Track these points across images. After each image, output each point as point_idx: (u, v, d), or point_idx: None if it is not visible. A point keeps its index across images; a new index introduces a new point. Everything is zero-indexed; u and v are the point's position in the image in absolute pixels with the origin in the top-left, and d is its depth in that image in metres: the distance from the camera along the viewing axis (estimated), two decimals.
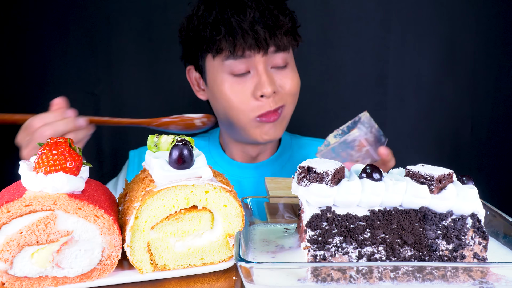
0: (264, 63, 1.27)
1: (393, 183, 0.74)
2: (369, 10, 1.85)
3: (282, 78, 1.31)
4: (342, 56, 1.88)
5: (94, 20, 1.81)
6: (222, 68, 1.28)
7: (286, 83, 1.31)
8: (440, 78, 1.89)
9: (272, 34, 1.25)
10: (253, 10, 1.25)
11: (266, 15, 1.25)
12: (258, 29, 1.23)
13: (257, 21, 1.24)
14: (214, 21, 1.26)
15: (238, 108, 1.29)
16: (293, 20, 1.33)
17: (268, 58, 1.28)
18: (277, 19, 1.26)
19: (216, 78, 1.30)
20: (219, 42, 1.25)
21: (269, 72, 1.28)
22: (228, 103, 1.29)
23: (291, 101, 1.35)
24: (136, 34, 1.83)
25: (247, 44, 1.23)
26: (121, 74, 1.86)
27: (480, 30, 1.85)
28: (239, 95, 1.28)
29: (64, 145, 0.73)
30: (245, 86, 1.28)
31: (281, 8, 1.30)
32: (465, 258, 0.74)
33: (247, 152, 1.44)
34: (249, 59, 1.26)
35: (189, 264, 0.80)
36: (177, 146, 0.77)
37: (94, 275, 0.75)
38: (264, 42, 1.24)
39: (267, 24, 1.25)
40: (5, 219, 0.69)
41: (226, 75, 1.28)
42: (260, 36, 1.23)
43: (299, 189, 0.77)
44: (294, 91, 1.33)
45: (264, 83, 1.25)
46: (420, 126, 1.93)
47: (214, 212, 0.79)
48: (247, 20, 1.23)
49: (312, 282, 0.68)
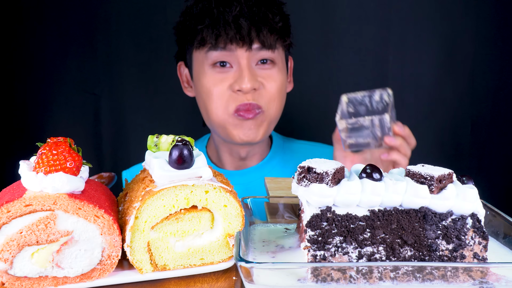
0: (247, 58, 1.25)
1: (393, 183, 0.74)
2: (369, 10, 1.85)
3: (266, 76, 1.28)
4: (342, 56, 1.88)
5: (94, 20, 1.81)
6: (206, 60, 1.27)
7: (268, 82, 1.28)
8: (440, 78, 1.89)
9: (257, 29, 1.23)
10: (240, 3, 1.24)
11: (253, 10, 1.24)
12: (241, 22, 1.22)
13: (243, 15, 1.23)
14: (199, 12, 1.26)
15: (217, 102, 1.27)
16: (285, 21, 1.31)
17: (253, 54, 1.26)
18: (265, 15, 1.25)
19: (200, 70, 1.30)
20: (201, 32, 1.24)
21: (251, 69, 1.26)
22: (207, 96, 1.28)
23: (274, 104, 1.31)
24: (136, 34, 1.83)
25: (228, 36, 1.22)
26: (121, 74, 1.86)
27: (480, 30, 1.85)
28: (218, 87, 1.26)
29: (64, 145, 0.73)
30: (226, 79, 1.26)
31: (271, 7, 1.28)
32: (465, 258, 0.74)
33: (237, 153, 1.40)
34: (232, 53, 1.25)
35: (189, 264, 0.80)
36: (177, 146, 0.76)
37: (94, 275, 0.75)
38: (247, 36, 1.23)
39: (253, 18, 1.23)
40: (5, 219, 0.69)
41: (208, 67, 1.27)
42: (243, 30, 1.22)
43: (299, 189, 0.77)
44: (275, 92, 1.30)
45: (244, 77, 1.23)
46: (420, 126, 1.93)
47: (214, 212, 0.79)
48: (231, 12, 1.22)
49: (312, 282, 0.68)
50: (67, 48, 1.82)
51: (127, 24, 1.83)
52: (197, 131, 1.61)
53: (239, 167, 1.44)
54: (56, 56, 1.82)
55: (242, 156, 1.41)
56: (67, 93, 1.85)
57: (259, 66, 1.28)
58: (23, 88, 1.84)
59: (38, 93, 1.84)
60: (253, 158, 1.44)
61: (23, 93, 1.84)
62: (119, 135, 1.89)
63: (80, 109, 1.87)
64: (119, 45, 1.84)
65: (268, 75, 1.29)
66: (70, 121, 1.87)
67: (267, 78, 1.28)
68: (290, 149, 1.49)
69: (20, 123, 1.85)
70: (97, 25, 1.82)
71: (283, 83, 1.32)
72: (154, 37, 1.83)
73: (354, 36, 1.87)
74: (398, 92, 1.91)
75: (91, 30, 1.82)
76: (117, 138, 1.90)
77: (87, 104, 1.86)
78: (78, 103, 1.86)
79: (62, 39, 1.81)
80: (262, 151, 1.45)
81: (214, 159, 1.48)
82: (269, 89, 1.28)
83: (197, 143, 1.54)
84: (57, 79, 1.83)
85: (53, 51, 1.82)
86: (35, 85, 1.84)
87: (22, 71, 1.83)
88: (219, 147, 1.44)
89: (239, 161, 1.43)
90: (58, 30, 1.81)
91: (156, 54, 1.85)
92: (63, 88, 1.85)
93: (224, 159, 1.44)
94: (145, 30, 1.83)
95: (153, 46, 1.84)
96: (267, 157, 1.45)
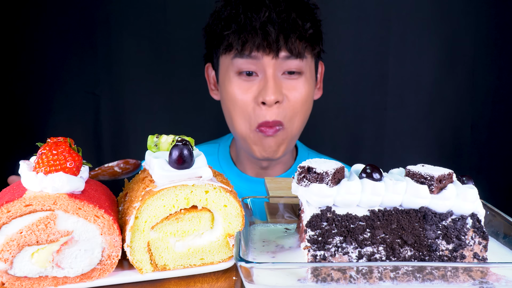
0: (273, 67, 1.20)
1: (393, 183, 0.74)
2: (369, 10, 1.85)
3: (290, 87, 1.23)
4: (342, 56, 1.88)
5: (94, 20, 1.81)
6: (231, 67, 1.24)
7: (292, 94, 1.23)
8: (440, 78, 1.89)
9: (285, 36, 1.18)
10: (269, 9, 1.19)
11: (282, 17, 1.19)
12: (269, 29, 1.17)
13: (271, 21, 1.18)
14: (227, 17, 1.22)
15: (241, 114, 1.24)
16: (316, 28, 1.25)
17: (280, 63, 1.21)
18: (294, 22, 1.19)
19: (225, 76, 1.26)
20: (228, 38, 1.21)
21: (277, 78, 1.21)
22: (232, 104, 1.25)
23: (296, 119, 1.26)
24: (136, 34, 1.84)
25: (255, 43, 1.18)
26: (121, 74, 1.86)
27: (480, 30, 1.85)
28: (243, 96, 1.23)
29: (64, 145, 0.73)
30: (251, 88, 1.22)
31: (302, 13, 1.23)
32: (465, 258, 0.74)
33: (258, 163, 1.36)
34: (258, 61, 1.20)
35: (189, 264, 0.80)
36: (177, 146, 0.76)
37: (94, 275, 0.75)
38: (274, 43, 1.18)
39: (281, 25, 1.18)
40: (5, 219, 0.69)
41: (234, 74, 1.24)
42: (270, 37, 1.17)
43: (299, 189, 0.77)
44: (299, 104, 1.24)
45: (268, 89, 1.19)
46: (420, 126, 1.93)
47: (214, 212, 0.79)
48: (259, 19, 1.18)
49: (312, 282, 0.68)
50: (67, 48, 1.82)
51: (127, 24, 1.83)
52: (197, 131, 1.61)
53: (259, 175, 1.40)
54: (56, 56, 1.82)
55: (264, 166, 1.37)
56: (67, 93, 1.85)
57: (286, 76, 1.23)
58: (23, 88, 1.84)
59: (38, 93, 1.84)
60: (275, 168, 1.40)
61: (24, 93, 1.84)
62: (119, 135, 1.90)
63: (80, 109, 1.87)
64: (119, 45, 1.84)
65: (293, 86, 1.23)
66: (70, 121, 1.87)
67: (291, 89, 1.23)
68: None
69: (20, 123, 1.85)
70: (97, 25, 1.82)
71: (308, 94, 1.27)
72: (154, 37, 1.83)
73: (354, 36, 1.87)
74: (398, 92, 1.92)
75: (91, 30, 1.82)
76: (117, 138, 1.90)
77: (87, 104, 1.86)
78: (78, 103, 1.86)
79: (62, 39, 1.81)
80: (286, 160, 1.41)
81: (235, 160, 1.44)
82: (292, 101, 1.23)
83: (221, 141, 1.49)
84: (57, 79, 1.83)
85: (54, 51, 1.82)
86: (36, 85, 1.84)
87: (23, 71, 1.83)
88: (240, 153, 1.40)
89: (260, 169, 1.39)
90: (58, 30, 1.81)
91: (157, 54, 1.85)
92: (63, 88, 1.85)
93: (245, 165, 1.41)
94: (145, 30, 1.83)
95: (153, 46, 1.84)
96: (292, 168, 1.42)
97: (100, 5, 1.80)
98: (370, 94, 1.91)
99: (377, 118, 1.93)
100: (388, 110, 1.91)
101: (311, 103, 1.32)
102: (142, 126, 1.89)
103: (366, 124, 1.94)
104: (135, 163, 1.19)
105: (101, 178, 1.16)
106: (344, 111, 1.94)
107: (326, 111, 1.93)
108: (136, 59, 1.85)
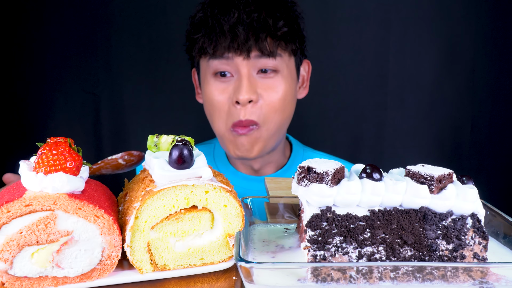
0: (246, 67, 1.20)
1: (393, 183, 0.74)
2: (369, 10, 1.85)
3: (266, 87, 1.22)
4: (342, 56, 1.88)
5: (94, 20, 1.82)
6: (208, 68, 1.26)
7: (268, 93, 1.22)
8: (440, 78, 1.89)
9: (255, 36, 1.18)
10: (238, 10, 1.19)
11: (252, 17, 1.18)
12: (238, 30, 1.17)
13: (240, 22, 1.18)
14: (198, 21, 1.24)
15: (218, 114, 1.25)
16: (291, 25, 1.24)
17: (253, 62, 1.20)
18: (265, 21, 1.19)
19: (204, 79, 1.28)
20: (199, 41, 1.23)
21: (252, 78, 1.21)
22: (210, 105, 1.27)
23: (274, 117, 1.24)
24: (136, 34, 1.84)
25: (225, 45, 1.18)
26: (121, 74, 1.86)
27: (480, 30, 1.85)
28: (220, 97, 1.24)
29: (64, 145, 0.73)
30: (227, 89, 1.23)
31: (274, 11, 1.21)
32: (465, 258, 0.74)
33: (248, 164, 1.37)
34: (231, 62, 1.21)
35: (189, 264, 0.80)
36: (177, 146, 0.76)
37: (94, 275, 0.75)
38: (244, 44, 1.18)
39: (251, 25, 1.18)
40: (5, 219, 0.69)
41: (211, 76, 1.26)
42: (239, 38, 1.17)
43: (299, 189, 0.77)
44: (276, 103, 1.23)
45: (242, 88, 1.19)
46: (420, 126, 1.94)
47: (214, 212, 0.79)
48: (229, 21, 1.18)
49: (312, 282, 0.68)
50: (67, 48, 1.82)
51: (127, 24, 1.83)
52: (197, 131, 1.61)
53: (254, 174, 1.40)
54: (56, 56, 1.82)
55: (255, 168, 1.38)
56: (67, 93, 1.86)
57: (261, 75, 1.23)
58: (23, 88, 1.84)
59: (38, 93, 1.84)
60: (267, 167, 1.39)
61: (24, 93, 1.84)
62: (119, 135, 1.90)
63: (80, 109, 1.88)
64: (119, 45, 1.84)
65: (269, 85, 1.23)
66: (70, 121, 1.87)
67: (267, 88, 1.22)
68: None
69: (20, 123, 1.85)
70: (97, 25, 1.82)
71: (287, 92, 1.25)
72: (154, 37, 1.83)
73: (354, 36, 1.87)
74: (398, 92, 1.92)
75: (91, 30, 1.82)
76: (117, 138, 1.90)
77: (87, 104, 1.86)
78: (78, 103, 1.87)
79: (62, 39, 1.81)
80: (277, 159, 1.40)
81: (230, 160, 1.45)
82: (268, 100, 1.23)
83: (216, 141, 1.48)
84: (57, 79, 1.84)
85: (53, 51, 1.82)
86: (36, 85, 1.84)
87: (23, 71, 1.83)
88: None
89: (251, 169, 1.39)
90: (58, 30, 1.81)
91: (156, 54, 1.85)
92: (63, 88, 1.85)
93: (238, 165, 1.41)
94: (145, 30, 1.83)
95: (153, 46, 1.84)
96: (286, 166, 1.41)
97: (100, 5, 1.81)
98: (370, 94, 1.91)
99: (377, 118, 1.93)
100: (388, 110, 1.92)
101: (292, 102, 1.30)
102: (142, 126, 1.89)
103: (366, 124, 1.94)
104: (139, 154, 1.20)
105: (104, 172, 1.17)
106: (344, 111, 1.94)
107: (326, 111, 1.93)
108: (136, 59, 1.85)
